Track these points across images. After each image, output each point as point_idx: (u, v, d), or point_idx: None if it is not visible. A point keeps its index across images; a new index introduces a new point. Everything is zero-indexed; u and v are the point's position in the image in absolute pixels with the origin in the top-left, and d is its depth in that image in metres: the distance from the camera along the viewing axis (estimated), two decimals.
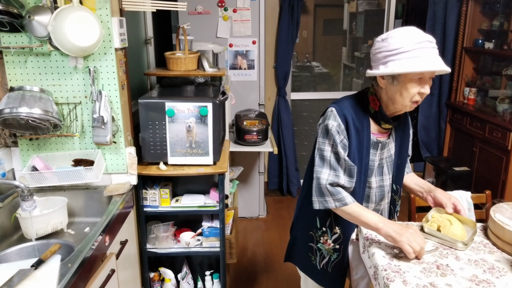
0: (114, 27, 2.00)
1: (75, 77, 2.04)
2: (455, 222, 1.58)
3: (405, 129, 1.68)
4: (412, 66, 1.37)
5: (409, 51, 1.37)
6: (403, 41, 1.38)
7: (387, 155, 1.64)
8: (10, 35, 1.96)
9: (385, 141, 1.61)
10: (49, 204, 1.93)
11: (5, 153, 2.04)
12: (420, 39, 1.38)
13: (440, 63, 1.40)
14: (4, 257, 1.63)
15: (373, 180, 1.63)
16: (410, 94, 1.44)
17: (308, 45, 4.92)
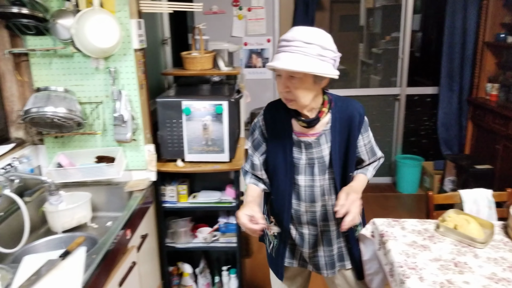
0: (133, 29, 2.07)
1: (96, 78, 2.12)
2: (472, 222, 1.59)
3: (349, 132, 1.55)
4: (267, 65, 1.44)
5: (277, 50, 1.41)
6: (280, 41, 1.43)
7: (317, 156, 1.56)
8: (35, 38, 2.05)
9: (310, 141, 1.55)
10: (73, 199, 2.02)
11: (32, 150, 2.14)
12: (282, 38, 1.39)
13: (283, 61, 1.35)
14: (33, 248, 1.73)
15: (301, 178, 1.59)
16: (278, 90, 1.48)
17: None
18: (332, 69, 1.40)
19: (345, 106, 1.55)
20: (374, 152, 1.65)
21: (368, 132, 1.61)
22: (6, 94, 2.07)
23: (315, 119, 1.50)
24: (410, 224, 1.74)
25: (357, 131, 1.55)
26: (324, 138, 1.54)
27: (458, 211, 1.70)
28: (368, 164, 1.67)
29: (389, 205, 4.20)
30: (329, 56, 1.38)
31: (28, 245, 1.72)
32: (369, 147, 1.62)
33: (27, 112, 1.91)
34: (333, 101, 1.54)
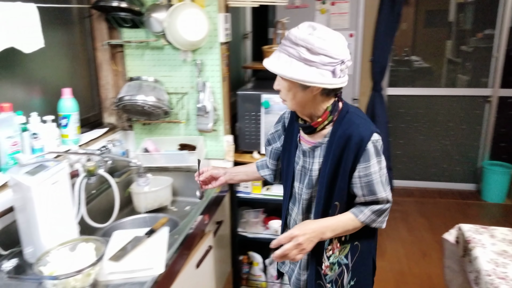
0: (220, 23, 2.15)
1: (183, 69, 2.23)
2: None
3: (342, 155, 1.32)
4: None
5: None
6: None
7: (308, 167, 1.42)
8: (130, 31, 2.21)
9: (305, 149, 1.42)
10: (156, 182, 2.14)
11: (122, 135, 2.31)
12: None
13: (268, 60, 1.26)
14: (120, 225, 1.87)
15: (296, 185, 1.48)
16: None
17: (407, 38, 4.72)
18: (324, 77, 1.21)
19: (349, 124, 1.31)
20: (373, 191, 1.32)
21: (369, 164, 1.30)
22: (102, 82, 2.25)
23: (308, 127, 1.36)
24: (501, 232, 1.64)
25: (351, 156, 1.30)
26: (319, 151, 1.38)
27: None
28: (364, 204, 1.36)
29: (472, 214, 3.97)
30: (321, 62, 1.19)
31: (116, 222, 1.86)
32: (365, 181, 1.31)
33: (120, 99, 2.06)
34: (343, 115, 1.33)
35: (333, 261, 1.42)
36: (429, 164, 4.54)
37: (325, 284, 1.43)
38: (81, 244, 1.31)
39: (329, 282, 1.43)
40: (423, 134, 4.47)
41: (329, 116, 1.32)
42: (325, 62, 1.20)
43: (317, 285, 1.43)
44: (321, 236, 1.29)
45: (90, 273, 1.20)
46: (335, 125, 1.33)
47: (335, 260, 1.42)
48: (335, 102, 1.34)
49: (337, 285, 1.43)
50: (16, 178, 1.30)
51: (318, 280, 1.43)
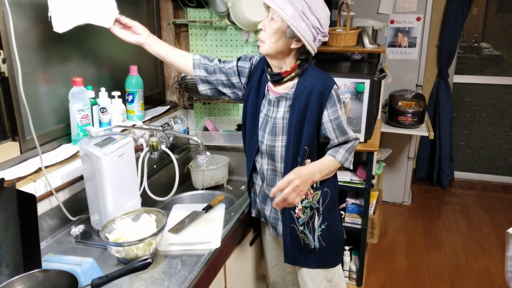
0: None
1: (245, 50, 2.24)
2: None
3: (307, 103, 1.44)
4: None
5: None
6: None
7: (272, 116, 1.51)
8: (195, 11, 2.24)
9: (270, 98, 1.52)
10: (214, 161, 2.19)
11: (183, 113, 2.38)
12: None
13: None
14: (179, 199, 1.94)
15: (260, 134, 1.56)
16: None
17: (478, 24, 4.44)
18: (308, 35, 1.37)
19: (314, 77, 1.46)
20: (344, 131, 1.49)
21: (336, 108, 1.46)
22: None
23: (276, 74, 1.46)
24: None
25: (315, 103, 1.44)
26: (284, 101, 1.49)
27: None
28: (338, 145, 1.52)
29: None
30: (312, 23, 1.35)
31: (175, 196, 1.93)
32: (336, 123, 1.47)
33: (183, 78, 2.11)
34: (306, 70, 1.47)
35: (305, 205, 1.55)
36: (494, 156, 4.30)
37: (298, 227, 1.57)
38: (143, 215, 1.37)
39: (301, 224, 1.56)
40: (490, 125, 4.23)
41: (297, 69, 1.45)
42: (315, 26, 1.37)
43: (291, 228, 1.57)
44: (312, 178, 1.41)
45: (151, 243, 1.26)
46: (300, 78, 1.47)
47: (308, 205, 1.55)
48: (303, 61, 1.46)
49: (308, 227, 1.57)
50: (86, 149, 1.37)
51: (291, 224, 1.56)
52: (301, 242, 1.58)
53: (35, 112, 1.48)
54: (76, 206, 1.53)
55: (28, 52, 1.46)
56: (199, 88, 1.66)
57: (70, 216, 1.48)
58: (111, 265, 1.27)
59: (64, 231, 1.46)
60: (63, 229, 1.47)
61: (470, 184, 4.32)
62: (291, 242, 1.58)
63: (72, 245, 1.39)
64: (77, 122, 1.56)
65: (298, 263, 1.63)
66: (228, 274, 1.56)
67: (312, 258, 1.61)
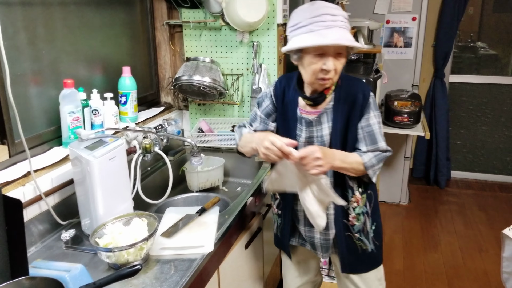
0: (278, 4, 2.11)
1: (240, 51, 2.22)
2: None
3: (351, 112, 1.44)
4: (303, 41, 1.29)
5: (305, 25, 1.29)
6: (300, 16, 1.32)
7: (317, 135, 1.48)
8: (189, 11, 2.22)
9: (310, 119, 1.47)
10: (209, 162, 2.17)
11: (178, 114, 2.35)
12: (318, 12, 1.27)
13: (336, 37, 1.26)
14: (173, 202, 1.92)
15: None
16: (312, 71, 1.34)
17: (474, 23, 4.44)
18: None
19: (350, 85, 1.45)
20: (374, 140, 1.44)
21: (369, 115, 1.43)
22: (160, 62, 2.29)
23: (321, 96, 1.43)
24: None
25: (358, 112, 1.43)
26: (325, 117, 1.46)
27: None
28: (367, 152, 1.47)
29: None
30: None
31: (169, 199, 1.91)
32: (367, 131, 1.44)
33: (177, 79, 2.09)
34: (340, 79, 1.44)
35: (358, 212, 1.52)
36: (490, 156, 4.29)
37: (354, 234, 1.54)
38: (135, 219, 1.35)
39: (357, 231, 1.54)
40: (486, 124, 4.22)
41: (336, 82, 1.44)
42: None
43: (346, 237, 1.54)
44: (332, 162, 1.37)
45: (142, 247, 1.24)
46: (336, 89, 1.44)
47: (360, 211, 1.53)
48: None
49: (363, 232, 1.55)
50: (76, 152, 1.35)
51: (346, 232, 1.54)
52: (359, 249, 1.56)
53: (25, 115, 1.45)
54: (66, 210, 1.51)
55: (17, 54, 1.43)
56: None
57: (60, 221, 1.45)
58: (101, 271, 1.24)
59: (54, 236, 1.43)
60: (53, 234, 1.44)
61: (467, 183, 4.31)
62: (348, 251, 1.55)
63: (62, 250, 1.36)
64: (68, 125, 1.53)
65: (356, 270, 1.61)
66: (222, 278, 1.54)
67: (368, 261, 1.60)
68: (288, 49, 1.34)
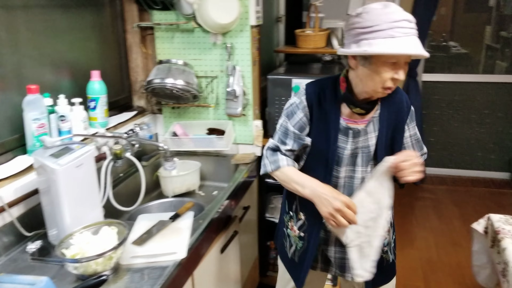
0: (251, 5, 2.09)
1: (213, 53, 2.20)
2: None
3: (397, 120, 1.42)
4: (386, 48, 1.18)
5: (384, 30, 1.18)
6: (378, 18, 1.19)
7: (363, 145, 1.41)
8: (161, 13, 2.18)
9: (359, 129, 1.39)
10: (184, 166, 2.14)
11: (151, 118, 2.31)
12: (398, 17, 1.18)
13: (417, 46, 1.19)
14: (146, 208, 1.88)
15: (342, 169, 1.43)
16: (381, 79, 1.25)
17: (446, 23, 4.53)
18: None
19: (394, 93, 1.37)
20: (421, 146, 1.50)
21: (414, 123, 1.48)
22: (131, 65, 2.24)
23: (371, 102, 1.35)
24: None
25: (403, 120, 1.43)
26: (372, 126, 1.40)
27: None
28: None
29: (505, 203, 3.83)
30: None
31: (143, 206, 1.87)
32: (415, 138, 1.48)
33: (149, 82, 2.05)
34: None
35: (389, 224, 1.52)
36: (463, 152, 4.40)
37: (383, 248, 1.50)
38: (104, 227, 1.31)
39: (386, 245, 1.52)
40: (458, 121, 4.32)
41: None
42: None
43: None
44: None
45: (111, 257, 1.20)
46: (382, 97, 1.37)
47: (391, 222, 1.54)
48: None
49: (389, 244, 1.53)
50: (40, 160, 1.31)
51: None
52: (383, 261, 1.51)
53: None
54: (32, 221, 1.45)
55: None
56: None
57: (26, 232, 1.40)
58: (69, 283, 1.20)
59: (20, 248, 1.38)
60: (19, 246, 1.38)
61: (441, 179, 4.40)
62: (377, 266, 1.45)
63: (28, 263, 1.31)
64: (33, 132, 1.48)
65: (380, 283, 1.54)
66: (197, 284, 1.51)
67: (389, 272, 1.57)
68: (366, 53, 1.21)
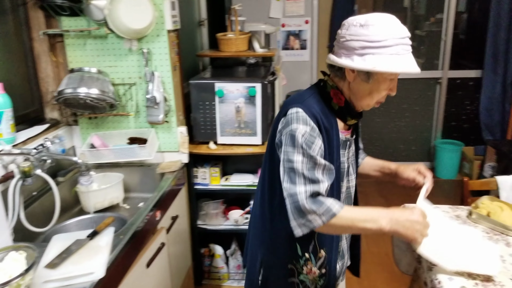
0: (166, 10, 2.04)
1: (130, 59, 2.12)
2: (506, 209, 1.51)
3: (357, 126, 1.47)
4: (394, 66, 1.16)
5: (391, 46, 1.16)
6: (386, 33, 1.16)
7: (352, 154, 1.43)
8: (70, 19, 2.06)
9: (348, 139, 1.38)
10: (106, 179, 2.04)
11: (66, 131, 2.17)
12: (403, 34, 1.18)
13: (415, 63, 1.22)
14: (64, 228, 1.76)
15: (344, 183, 1.40)
16: (380, 94, 1.27)
17: None
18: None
19: None
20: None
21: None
22: (41, 75, 2.10)
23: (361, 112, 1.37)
24: (442, 210, 1.70)
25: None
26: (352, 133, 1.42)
27: (492, 198, 1.62)
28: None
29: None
30: None
31: (60, 225, 1.75)
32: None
33: (60, 93, 1.93)
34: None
35: None
36: (386, 145, 4.63)
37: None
38: (11, 253, 1.20)
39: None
40: (380, 117, 4.55)
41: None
42: None
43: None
44: None
45: (19, 284, 1.10)
46: None
47: None
48: None
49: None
50: None
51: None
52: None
53: None
54: None
55: None
56: None
57: None
58: None
59: None
60: None
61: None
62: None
63: None
64: None
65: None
66: None
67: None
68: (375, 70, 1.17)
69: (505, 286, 1.21)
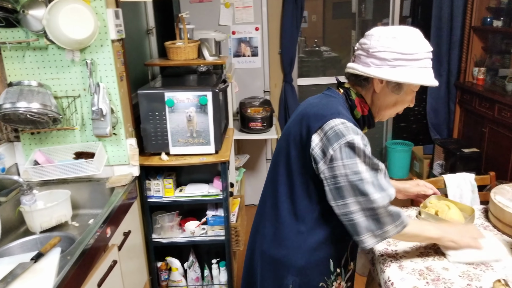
0: (109, 19, 1.99)
1: (73, 70, 2.04)
2: (453, 207, 1.57)
3: None
4: (425, 79, 1.22)
5: (420, 59, 1.21)
6: (416, 45, 1.20)
7: None
8: (7, 30, 1.96)
9: None
10: (53, 197, 1.94)
11: (7, 148, 2.06)
12: (429, 48, 1.23)
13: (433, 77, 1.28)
14: (7, 251, 1.66)
15: None
16: (403, 105, 1.33)
17: (318, 30, 4.86)
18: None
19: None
20: None
21: None
22: None
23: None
24: None
25: None
26: None
27: (439, 197, 1.68)
28: None
29: None
30: None
31: (2, 248, 1.65)
32: None
33: None
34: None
35: None
36: None
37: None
38: None
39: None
40: None
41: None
42: None
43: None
44: None
45: None
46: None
47: None
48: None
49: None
50: None
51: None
52: None
53: None
54: None
55: None
56: None
57: None
58: None
59: None
60: None
61: None
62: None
63: None
64: None
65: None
66: None
67: None
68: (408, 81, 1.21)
69: (454, 283, 1.25)
